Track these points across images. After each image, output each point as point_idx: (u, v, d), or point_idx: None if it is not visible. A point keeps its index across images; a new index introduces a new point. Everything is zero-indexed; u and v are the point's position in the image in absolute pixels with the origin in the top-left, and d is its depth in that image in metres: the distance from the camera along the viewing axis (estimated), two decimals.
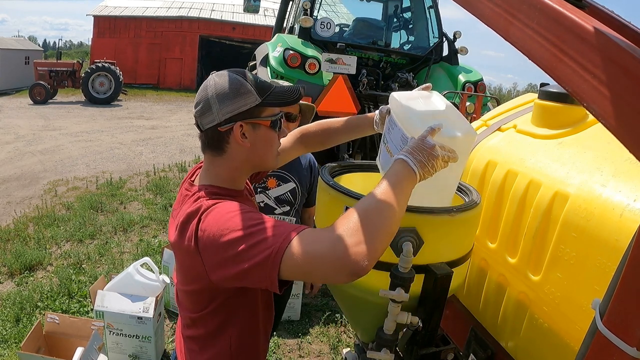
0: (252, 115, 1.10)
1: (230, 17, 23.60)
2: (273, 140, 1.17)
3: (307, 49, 4.30)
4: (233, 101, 1.08)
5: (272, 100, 1.12)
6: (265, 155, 1.17)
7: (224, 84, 1.10)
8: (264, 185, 2.17)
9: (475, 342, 1.51)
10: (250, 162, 1.17)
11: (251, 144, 1.12)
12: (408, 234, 1.09)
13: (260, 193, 2.17)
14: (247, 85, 1.10)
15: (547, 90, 1.44)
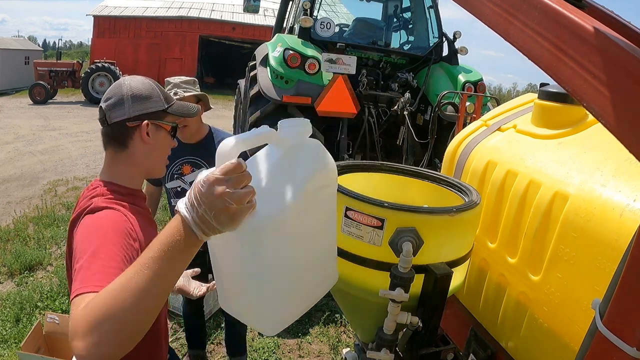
0: (157, 118, 1.23)
1: (230, 17, 23.59)
2: (167, 148, 1.30)
3: (307, 49, 4.30)
4: (144, 101, 1.21)
5: (174, 110, 1.27)
6: (158, 160, 1.29)
7: (139, 85, 1.24)
8: (179, 171, 2.38)
9: (475, 342, 1.51)
10: (145, 164, 1.26)
11: (152, 144, 1.23)
12: (408, 234, 1.09)
13: (176, 179, 2.38)
14: (157, 91, 1.25)
15: (547, 90, 1.44)
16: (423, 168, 1.59)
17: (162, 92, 1.28)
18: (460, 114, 4.13)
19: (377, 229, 1.12)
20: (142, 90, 1.24)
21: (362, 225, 1.14)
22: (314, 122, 4.14)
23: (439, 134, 4.27)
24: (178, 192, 2.42)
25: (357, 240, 1.16)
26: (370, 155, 4.62)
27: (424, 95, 4.69)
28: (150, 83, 1.27)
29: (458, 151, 1.70)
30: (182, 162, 2.36)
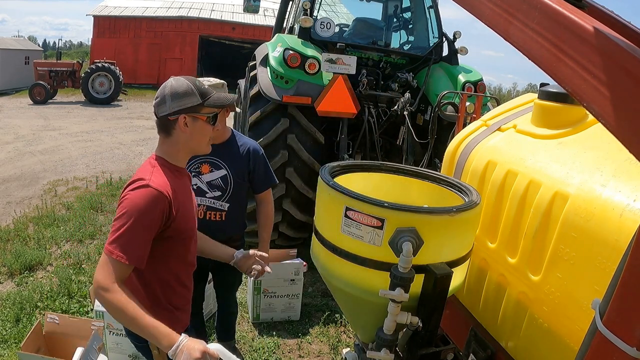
0: (194, 111, 1.52)
1: (230, 17, 23.58)
2: (206, 131, 1.58)
3: (307, 49, 4.30)
4: (181, 99, 1.50)
5: (209, 103, 1.54)
6: (199, 142, 1.59)
7: (177, 85, 1.52)
8: (198, 170, 2.36)
9: (475, 342, 1.51)
10: (188, 146, 1.58)
11: (190, 132, 1.54)
12: (408, 234, 1.09)
13: (194, 177, 2.34)
14: (192, 89, 1.52)
15: (547, 90, 1.44)
16: (423, 168, 1.59)
17: (199, 88, 1.53)
18: (460, 114, 4.13)
19: (377, 229, 1.12)
20: (179, 89, 1.51)
21: (362, 225, 1.14)
22: (314, 122, 4.15)
23: (439, 134, 4.26)
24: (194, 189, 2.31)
25: (357, 240, 1.16)
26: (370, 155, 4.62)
27: (424, 95, 4.69)
28: (188, 82, 1.53)
29: (458, 151, 1.70)
30: (201, 160, 2.35)
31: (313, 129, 4.07)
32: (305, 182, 3.94)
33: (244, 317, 3.59)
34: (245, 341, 3.23)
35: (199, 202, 2.30)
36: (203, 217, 2.37)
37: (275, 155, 3.86)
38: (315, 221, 1.39)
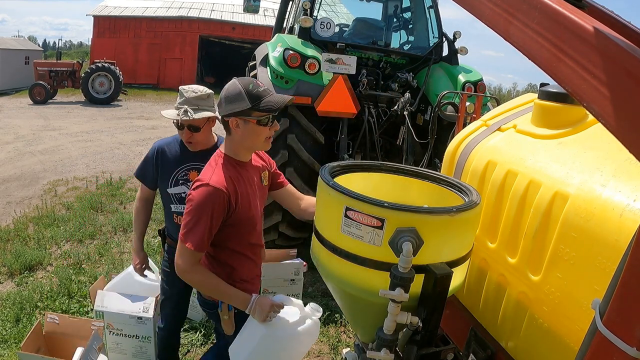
0: (244, 114, 1.66)
1: (230, 17, 23.58)
2: (259, 132, 1.70)
3: (307, 49, 4.30)
4: (232, 103, 1.66)
5: (259, 108, 1.65)
6: (254, 141, 1.73)
7: (231, 89, 1.68)
8: (186, 177, 2.33)
9: (475, 342, 1.51)
10: (243, 145, 1.75)
11: (242, 133, 1.70)
12: (408, 234, 1.09)
13: (182, 184, 2.33)
14: (243, 94, 1.65)
15: (547, 90, 1.44)
16: (423, 168, 1.59)
17: (250, 93, 1.65)
18: (460, 114, 4.13)
19: (377, 229, 1.12)
20: (231, 93, 1.67)
21: (362, 225, 1.14)
22: (314, 122, 4.15)
23: (439, 134, 4.26)
24: (182, 198, 2.31)
25: (357, 240, 1.16)
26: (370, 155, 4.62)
27: (424, 95, 4.69)
28: (240, 87, 1.66)
29: (458, 151, 1.70)
30: (189, 168, 2.33)
31: (313, 129, 4.07)
32: (305, 182, 3.94)
33: None
34: None
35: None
36: None
37: (275, 155, 3.86)
38: (315, 221, 1.39)
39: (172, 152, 2.36)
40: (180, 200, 2.35)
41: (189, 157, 2.33)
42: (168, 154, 2.35)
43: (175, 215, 2.38)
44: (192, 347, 3.15)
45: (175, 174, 2.33)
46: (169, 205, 2.40)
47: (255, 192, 1.84)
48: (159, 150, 2.37)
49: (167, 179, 2.33)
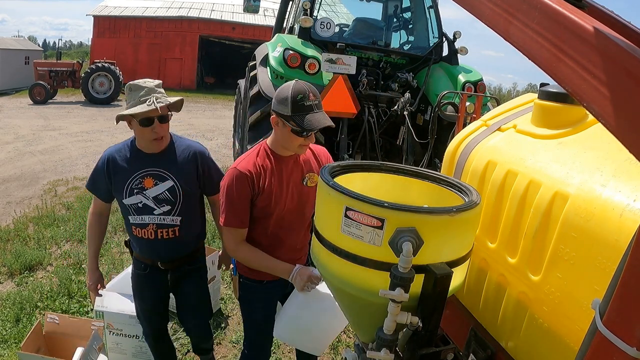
0: (284, 118, 1.81)
1: (230, 17, 23.59)
2: (293, 138, 1.85)
3: (307, 49, 4.30)
4: (278, 104, 1.81)
5: (294, 120, 1.78)
6: (288, 143, 1.88)
7: (282, 91, 1.82)
8: (140, 185, 2.10)
9: (475, 342, 1.51)
10: (280, 142, 1.92)
11: (280, 132, 1.87)
12: (408, 234, 1.09)
13: (137, 194, 2.10)
14: (288, 101, 1.78)
15: (547, 90, 1.44)
16: (423, 168, 1.59)
17: (295, 103, 1.77)
18: (460, 114, 4.13)
19: (377, 229, 1.12)
20: (281, 94, 1.81)
21: (362, 225, 1.14)
22: None
23: (439, 134, 4.27)
24: (139, 208, 2.12)
25: (357, 240, 1.16)
26: (370, 155, 4.62)
27: (424, 95, 4.69)
28: (289, 93, 1.78)
29: (458, 151, 1.70)
30: (143, 174, 2.10)
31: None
32: None
33: None
34: None
35: (147, 220, 2.12)
36: (154, 237, 2.14)
37: None
38: (315, 221, 1.39)
39: (124, 159, 2.13)
40: (138, 211, 2.13)
41: (143, 162, 2.11)
42: (119, 161, 2.12)
43: (134, 228, 2.16)
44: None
45: (129, 182, 2.10)
46: (127, 217, 2.19)
47: (288, 187, 1.95)
48: (109, 158, 2.12)
49: (122, 189, 2.11)
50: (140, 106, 1.95)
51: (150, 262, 2.22)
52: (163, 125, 2.05)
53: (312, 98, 1.80)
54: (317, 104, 1.82)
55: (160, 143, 2.09)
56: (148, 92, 1.98)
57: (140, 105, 1.95)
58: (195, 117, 14.37)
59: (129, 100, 1.99)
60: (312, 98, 1.80)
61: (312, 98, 1.80)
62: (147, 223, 2.13)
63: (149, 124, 2.00)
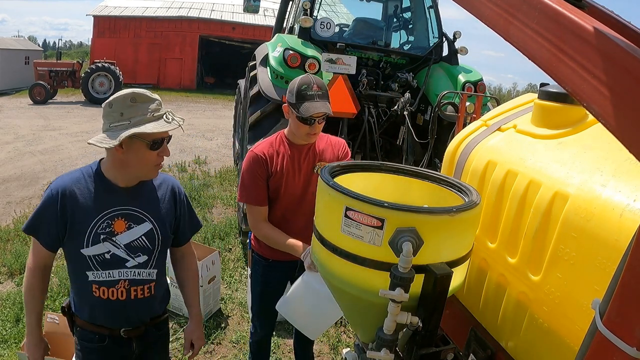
0: (291, 106, 2.01)
1: (230, 17, 23.59)
2: (299, 125, 2.03)
3: (307, 49, 4.30)
4: (288, 94, 2.03)
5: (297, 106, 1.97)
6: (296, 130, 2.07)
7: (292, 83, 2.03)
8: (109, 230, 1.60)
9: (475, 342, 1.51)
10: (291, 129, 2.10)
11: (290, 120, 2.08)
12: (408, 234, 1.09)
13: (104, 241, 1.60)
14: (294, 91, 1.99)
15: (547, 90, 1.44)
16: (423, 168, 1.59)
17: (299, 92, 1.96)
18: (460, 114, 4.13)
19: (377, 229, 1.12)
20: (291, 86, 2.02)
21: (362, 225, 1.14)
22: None
23: (439, 134, 4.27)
24: (105, 261, 1.61)
25: (357, 240, 1.16)
26: (370, 155, 4.62)
27: (424, 95, 4.69)
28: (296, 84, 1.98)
29: (458, 151, 1.70)
30: (112, 215, 1.61)
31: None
32: None
33: (244, 317, 3.59)
34: (245, 341, 3.23)
35: (117, 276, 1.63)
36: (126, 297, 1.65)
37: None
38: (315, 221, 1.39)
39: (86, 194, 1.59)
40: (104, 265, 1.61)
41: (113, 198, 1.62)
42: (80, 197, 1.58)
43: (95, 287, 1.62)
44: None
45: (93, 226, 1.58)
46: (83, 273, 1.61)
47: (300, 173, 2.12)
48: (65, 192, 1.57)
49: (81, 235, 1.58)
50: (157, 123, 1.53)
51: (108, 331, 1.68)
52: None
53: (316, 89, 1.98)
54: (320, 94, 1.99)
55: (157, 170, 1.66)
56: (159, 104, 1.58)
57: (156, 122, 1.53)
58: (195, 117, 14.37)
59: (131, 114, 1.51)
60: (316, 89, 1.98)
61: (316, 89, 1.98)
62: (117, 280, 1.63)
63: (159, 147, 1.58)
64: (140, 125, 1.50)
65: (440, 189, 1.45)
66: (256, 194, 2.08)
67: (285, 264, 2.21)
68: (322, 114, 1.99)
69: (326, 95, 2.02)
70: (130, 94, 1.53)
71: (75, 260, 1.63)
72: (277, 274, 2.32)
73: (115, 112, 1.51)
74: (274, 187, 2.10)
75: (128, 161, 1.58)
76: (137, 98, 1.53)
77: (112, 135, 1.50)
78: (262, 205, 2.10)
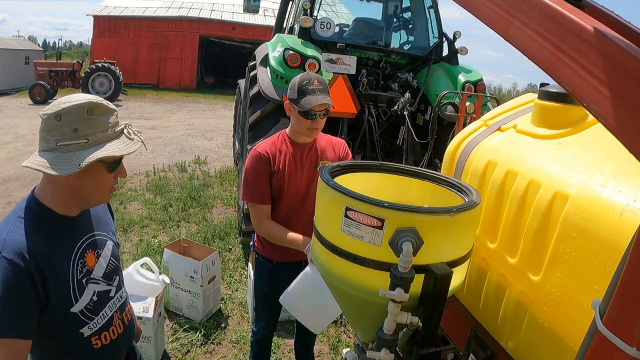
0: (293, 102, 2.05)
1: (230, 17, 23.59)
2: (301, 121, 2.06)
3: (307, 49, 4.30)
4: (289, 90, 2.08)
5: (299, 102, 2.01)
6: (298, 126, 2.10)
7: (293, 80, 2.09)
8: (84, 268, 1.33)
9: (475, 342, 1.51)
10: (293, 127, 2.13)
11: (292, 117, 2.10)
12: (408, 234, 1.09)
13: (87, 284, 1.33)
14: (295, 86, 2.04)
15: (547, 90, 1.44)
16: (423, 168, 1.59)
17: (300, 87, 2.01)
18: (460, 114, 4.13)
19: (377, 229, 1.12)
20: (292, 82, 2.08)
21: (362, 225, 1.14)
22: None
23: (439, 134, 4.27)
24: (95, 304, 1.36)
25: (357, 240, 1.16)
26: (370, 155, 4.62)
27: (424, 95, 4.69)
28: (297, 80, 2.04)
29: (458, 151, 1.70)
30: (80, 253, 1.33)
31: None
32: None
33: (244, 317, 3.60)
34: (245, 341, 3.23)
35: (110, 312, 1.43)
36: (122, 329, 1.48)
37: None
38: (315, 221, 1.39)
39: (50, 241, 1.25)
40: (94, 309, 1.36)
41: (76, 230, 1.35)
42: (45, 248, 1.22)
43: (95, 340, 1.38)
44: (192, 347, 3.15)
45: (72, 275, 1.29)
46: (75, 334, 1.33)
47: (302, 171, 2.15)
48: (31, 252, 1.17)
49: (66, 292, 1.27)
50: (121, 142, 1.26)
51: None
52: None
53: (316, 83, 2.04)
54: (320, 88, 2.04)
55: (112, 193, 1.40)
56: (117, 116, 1.29)
57: (117, 139, 1.26)
58: (195, 117, 14.37)
59: (88, 130, 1.19)
60: (316, 83, 2.04)
61: (316, 83, 2.04)
62: (111, 316, 1.43)
63: (116, 168, 1.30)
64: (102, 145, 1.21)
65: (440, 189, 1.45)
66: (259, 193, 2.11)
67: (290, 265, 2.22)
68: (324, 105, 2.03)
69: (327, 90, 2.07)
70: (87, 103, 1.19)
71: (61, 327, 1.30)
72: (281, 276, 2.30)
73: (66, 127, 1.17)
74: (277, 185, 2.12)
75: (82, 188, 1.26)
76: (96, 109, 1.21)
77: (63, 158, 1.17)
78: (265, 204, 2.13)
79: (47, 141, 1.19)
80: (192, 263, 3.34)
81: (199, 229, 5.24)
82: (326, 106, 2.05)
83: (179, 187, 6.75)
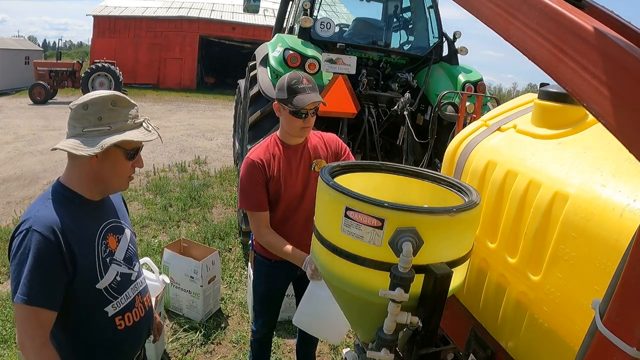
0: (282, 102, 2.04)
1: (230, 17, 23.59)
2: (293, 121, 2.05)
3: (307, 49, 4.30)
4: (278, 91, 2.05)
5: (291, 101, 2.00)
6: (289, 127, 2.09)
7: (281, 80, 2.06)
8: (107, 249, 1.44)
9: (475, 342, 1.51)
10: (284, 128, 2.13)
11: (282, 118, 2.10)
12: (408, 234, 1.09)
13: (111, 264, 1.44)
14: (284, 86, 2.02)
15: (547, 90, 1.44)
16: (423, 168, 1.59)
17: (290, 87, 2.00)
18: (460, 114, 4.13)
19: (377, 229, 1.12)
20: (280, 83, 2.05)
21: (362, 225, 1.14)
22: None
23: (439, 134, 4.27)
24: (119, 284, 1.46)
25: (357, 240, 1.16)
26: (370, 155, 4.62)
27: (424, 95, 4.69)
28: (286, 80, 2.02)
29: (458, 151, 1.70)
30: (104, 234, 1.45)
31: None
32: None
33: (244, 317, 3.60)
34: (245, 341, 3.23)
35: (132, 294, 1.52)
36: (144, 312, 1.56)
37: None
38: (315, 221, 1.39)
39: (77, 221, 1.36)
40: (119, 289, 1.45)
41: (98, 213, 1.47)
42: (74, 227, 1.33)
43: (119, 319, 1.45)
44: (192, 347, 3.15)
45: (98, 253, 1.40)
46: (100, 311, 1.41)
47: (297, 173, 2.15)
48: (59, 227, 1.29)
49: (92, 268, 1.38)
50: (139, 131, 1.40)
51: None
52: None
53: (306, 82, 2.04)
54: (310, 86, 2.05)
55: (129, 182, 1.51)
56: (138, 110, 1.46)
57: (137, 129, 1.40)
58: (195, 117, 14.37)
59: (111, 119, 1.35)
60: (306, 82, 2.04)
61: (306, 82, 2.04)
62: (134, 298, 1.52)
63: (134, 157, 1.44)
64: (122, 132, 1.35)
65: (440, 189, 1.45)
66: (257, 200, 2.11)
67: (288, 264, 2.23)
68: (316, 103, 2.05)
69: (316, 87, 2.09)
70: (112, 96, 1.37)
71: (86, 304, 1.38)
72: (280, 274, 2.35)
73: (92, 116, 1.32)
74: (274, 189, 2.13)
75: (102, 172, 1.39)
76: (119, 102, 1.38)
77: (87, 142, 1.30)
78: (263, 211, 2.13)
79: (74, 128, 1.34)
80: (192, 263, 3.34)
81: (199, 229, 5.24)
82: (317, 104, 2.07)
83: (179, 187, 6.75)
